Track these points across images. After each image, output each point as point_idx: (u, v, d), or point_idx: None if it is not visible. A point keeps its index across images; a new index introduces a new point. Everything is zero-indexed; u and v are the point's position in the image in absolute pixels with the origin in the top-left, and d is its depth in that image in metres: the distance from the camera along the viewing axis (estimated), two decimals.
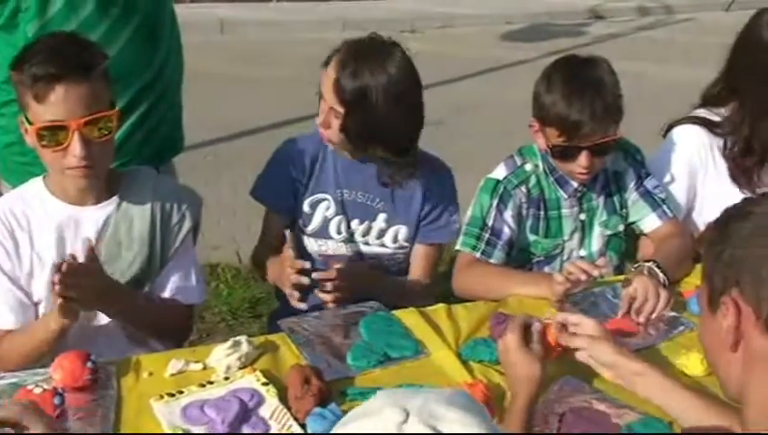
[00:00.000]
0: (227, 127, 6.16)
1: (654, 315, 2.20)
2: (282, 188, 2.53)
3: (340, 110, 2.32)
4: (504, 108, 6.35)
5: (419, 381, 1.90)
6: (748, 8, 2.91)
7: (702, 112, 2.76)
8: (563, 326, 1.90)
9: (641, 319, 2.20)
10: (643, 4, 10.85)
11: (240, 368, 1.91)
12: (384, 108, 2.31)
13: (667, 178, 2.70)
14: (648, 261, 2.35)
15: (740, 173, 2.69)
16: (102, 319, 2.13)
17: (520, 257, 2.58)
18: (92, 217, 2.14)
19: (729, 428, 1.63)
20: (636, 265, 2.38)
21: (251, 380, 1.87)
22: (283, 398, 1.81)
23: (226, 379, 1.88)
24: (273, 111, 6.44)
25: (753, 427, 1.28)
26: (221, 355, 1.92)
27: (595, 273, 2.20)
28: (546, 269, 2.56)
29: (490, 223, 2.48)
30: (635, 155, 2.63)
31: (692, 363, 2.00)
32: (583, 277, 2.20)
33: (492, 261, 2.48)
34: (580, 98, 2.32)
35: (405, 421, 1.01)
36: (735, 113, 2.67)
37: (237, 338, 1.96)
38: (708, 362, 1.44)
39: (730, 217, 1.33)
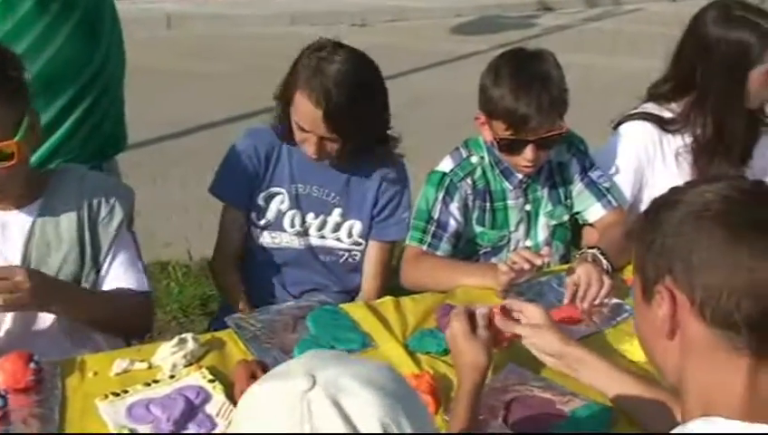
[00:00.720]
0: (175, 123, 6.10)
1: (597, 301, 2.24)
2: (240, 183, 2.53)
3: (334, 137, 2.34)
4: (454, 101, 6.35)
5: None
6: None
7: (652, 108, 2.78)
8: (507, 311, 1.92)
9: (585, 305, 2.23)
10: None
11: (186, 366, 1.90)
12: (369, 105, 2.37)
13: (614, 172, 2.72)
14: (592, 248, 2.38)
15: (698, 166, 2.71)
16: (44, 319, 2.10)
17: (467, 249, 2.59)
18: (18, 222, 2.10)
19: (670, 410, 1.67)
20: (580, 252, 2.41)
21: (197, 377, 1.86)
22: (229, 394, 1.80)
23: (172, 377, 1.87)
24: (221, 107, 6.40)
25: (691, 413, 1.29)
26: (166, 353, 1.91)
27: (538, 262, 2.23)
28: (493, 260, 2.58)
29: (436, 216, 2.50)
30: (579, 146, 2.65)
31: (635, 349, 2.02)
32: (527, 267, 2.22)
33: (438, 253, 2.49)
34: (528, 92, 2.33)
35: (309, 390, 1.01)
36: (692, 109, 2.69)
37: (183, 336, 1.95)
38: (645, 351, 1.42)
39: (659, 206, 1.33)
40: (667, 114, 2.74)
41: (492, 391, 1.85)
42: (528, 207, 2.60)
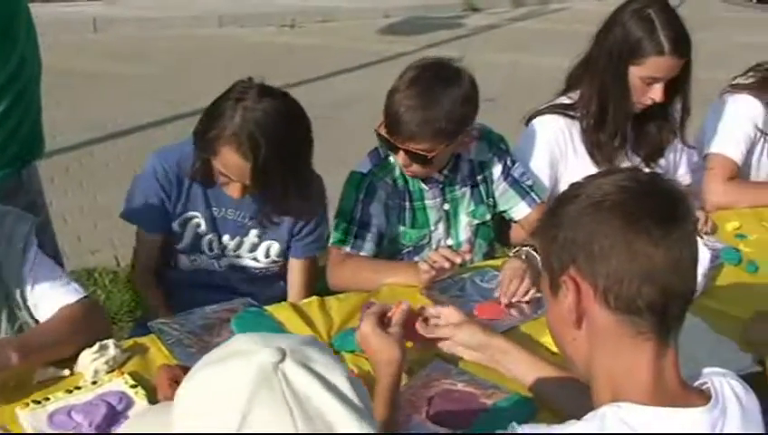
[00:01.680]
0: (103, 127, 6.02)
1: (526, 297, 2.28)
2: (150, 208, 2.47)
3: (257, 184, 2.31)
4: (383, 101, 6.40)
5: None
6: None
7: (561, 99, 2.87)
8: (425, 321, 1.94)
9: (510, 300, 2.27)
10: None
11: (108, 372, 1.89)
12: (298, 155, 2.35)
13: (531, 167, 2.78)
14: (526, 245, 2.43)
15: (597, 150, 2.80)
16: None
17: (390, 248, 2.62)
18: None
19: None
20: (515, 250, 2.45)
21: (119, 383, 1.85)
22: (152, 399, 1.79)
23: (94, 383, 1.85)
24: (149, 109, 6.34)
25: (600, 399, 1.33)
26: (88, 360, 1.89)
27: (457, 260, 2.26)
28: (416, 259, 2.60)
29: (357, 216, 2.51)
30: (499, 144, 2.69)
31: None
32: (447, 265, 2.26)
33: (362, 254, 2.51)
34: (422, 111, 2.32)
35: (282, 361, 1.03)
36: (585, 91, 2.78)
37: (104, 341, 1.93)
38: (556, 343, 1.46)
39: (560, 201, 1.38)
40: (571, 101, 2.82)
41: (415, 387, 1.88)
42: (446, 207, 2.63)
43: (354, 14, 9.67)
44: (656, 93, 2.67)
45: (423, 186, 2.58)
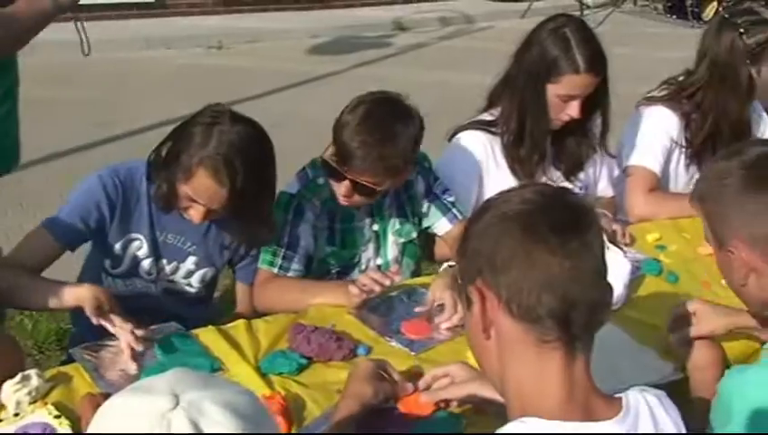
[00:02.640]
0: (34, 151, 5.90)
1: (447, 326, 2.28)
2: (81, 218, 2.38)
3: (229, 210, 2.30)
4: (313, 121, 6.41)
5: None
6: (542, 15, 3.09)
7: (483, 115, 2.92)
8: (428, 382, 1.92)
9: (433, 324, 2.29)
10: (444, 15, 11.22)
11: (31, 403, 1.85)
12: (268, 181, 2.35)
13: (454, 182, 2.81)
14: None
15: (517, 165, 2.85)
16: None
17: (319, 270, 2.62)
18: None
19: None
20: (448, 265, 2.47)
21: (42, 414, 1.81)
22: (77, 429, 1.77)
23: (16, 415, 1.82)
24: (80, 132, 6.26)
25: (512, 412, 1.34)
26: (9, 391, 1.85)
27: (387, 282, 2.30)
28: (347, 279, 2.60)
29: (285, 238, 2.50)
30: (423, 163, 2.72)
31: None
32: (377, 288, 2.29)
33: (289, 275, 2.50)
34: (372, 150, 2.34)
35: (171, 410, 1.03)
36: (505, 107, 2.83)
37: (26, 372, 1.89)
38: (474, 356, 1.49)
39: (473, 216, 1.43)
40: (493, 118, 2.87)
41: None
42: (376, 227, 2.65)
43: (281, 35, 9.66)
44: (573, 110, 2.73)
45: (353, 207, 2.59)
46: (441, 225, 2.73)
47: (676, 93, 3.15)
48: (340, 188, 2.45)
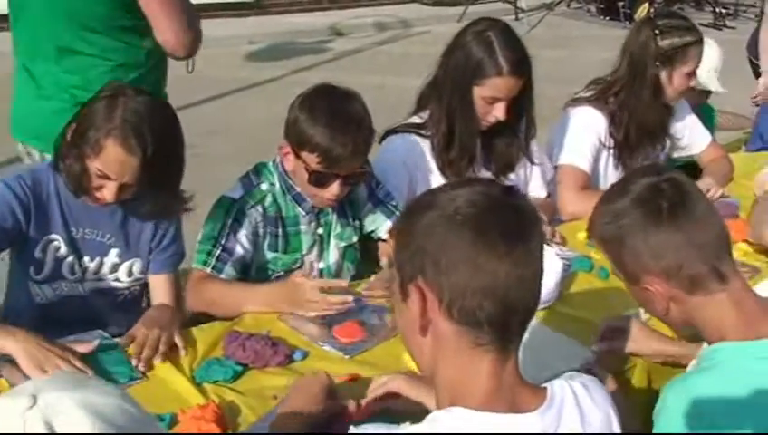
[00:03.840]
0: None
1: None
2: None
3: (140, 182, 2.25)
4: (252, 127, 6.38)
5: (153, 409, 1.90)
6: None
7: (413, 118, 2.95)
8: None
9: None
10: (381, 20, 11.27)
11: None
12: (178, 151, 2.32)
13: (387, 185, 2.81)
14: None
15: (447, 168, 2.88)
16: None
17: (260, 276, 2.60)
18: None
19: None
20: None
21: None
22: None
23: None
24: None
25: (441, 405, 1.37)
26: None
27: (350, 299, 2.32)
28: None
29: (223, 241, 2.48)
30: (363, 165, 2.72)
31: None
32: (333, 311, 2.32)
33: (222, 276, 2.48)
34: (344, 133, 2.36)
35: (28, 409, 1.03)
36: (434, 111, 2.86)
37: None
38: (405, 346, 1.49)
39: (414, 209, 1.41)
40: (423, 120, 2.90)
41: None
42: (320, 231, 2.65)
43: (218, 42, 9.56)
44: (498, 112, 2.78)
45: (299, 211, 2.59)
46: (386, 228, 2.74)
47: (601, 93, 3.23)
48: (332, 189, 2.45)
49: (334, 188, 2.45)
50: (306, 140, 2.39)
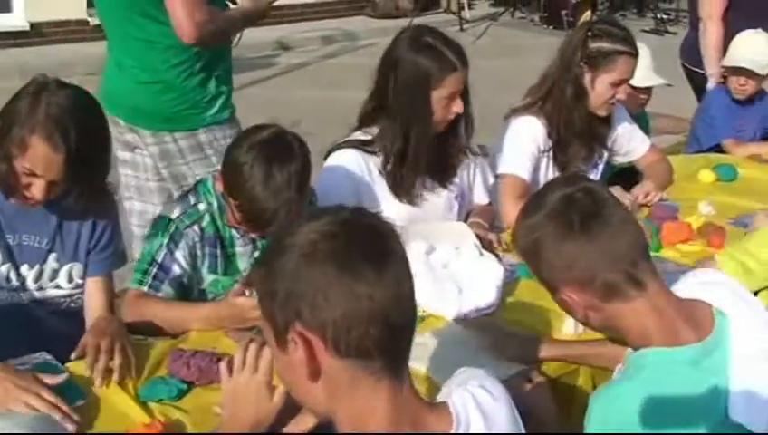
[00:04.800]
0: None
1: None
2: None
3: (68, 179, 2.23)
4: None
5: (98, 429, 1.90)
6: None
7: (357, 135, 2.94)
8: None
9: None
10: (327, 33, 11.28)
11: None
12: (104, 146, 2.31)
13: (328, 202, 2.81)
14: None
15: (398, 185, 2.89)
16: None
17: (200, 297, 2.57)
18: None
19: None
20: None
21: None
22: None
23: None
24: None
25: (340, 428, 1.35)
26: None
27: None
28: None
29: (159, 259, 2.46)
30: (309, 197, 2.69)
31: None
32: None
33: (159, 295, 2.45)
34: (276, 196, 2.30)
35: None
36: (386, 128, 2.87)
37: None
38: (294, 395, 1.45)
39: (270, 253, 1.37)
40: (369, 137, 2.91)
41: None
42: (257, 254, 2.61)
43: None
44: (458, 106, 2.81)
45: (235, 233, 2.56)
46: None
47: (538, 98, 3.27)
48: (256, 230, 2.45)
49: (258, 231, 2.45)
50: (239, 194, 2.35)
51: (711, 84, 4.58)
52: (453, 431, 1.36)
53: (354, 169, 2.88)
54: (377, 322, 1.29)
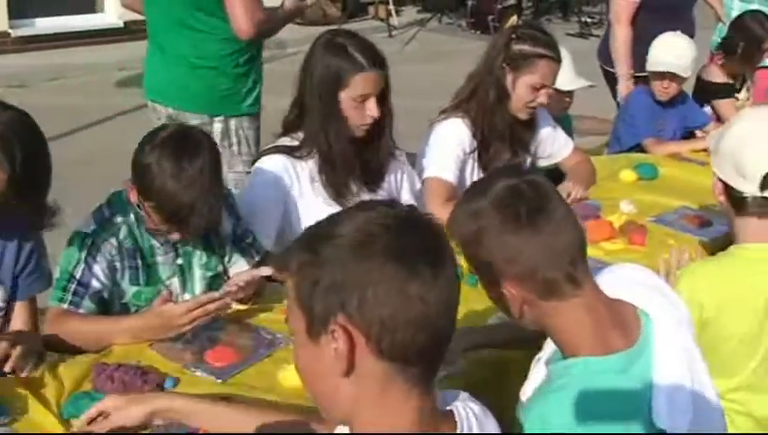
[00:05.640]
0: None
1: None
2: None
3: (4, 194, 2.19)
4: (122, 157, 6.24)
5: None
6: None
7: (284, 140, 2.93)
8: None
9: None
10: None
11: None
12: (46, 166, 2.28)
13: (255, 209, 2.81)
14: None
15: (326, 188, 2.89)
16: None
17: (123, 310, 2.54)
18: None
19: None
20: None
21: None
22: None
23: None
24: None
25: (355, 429, 1.31)
26: None
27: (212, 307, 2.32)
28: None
29: (78, 275, 2.42)
30: (227, 199, 2.69)
31: (291, 375, 2.10)
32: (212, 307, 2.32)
33: (81, 311, 2.42)
34: (188, 195, 2.30)
35: None
36: (307, 132, 2.87)
37: None
38: (308, 388, 1.35)
39: (316, 240, 1.29)
40: (296, 143, 2.90)
41: None
42: (180, 261, 2.60)
43: (87, 70, 9.37)
44: (371, 110, 2.79)
45: (154, 242, 2.53)
46: (239, 266, 2.69)
47: (463, 100, 3.30)
48: (172, 235, 2.44)
49: (174, 236, 2.44)
50: (151, 194, 2.35)
51: (621, 85, 4.69)
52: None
53: (282, 173, 2.87)
54: (425, 327, 1.23)
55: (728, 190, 2.36)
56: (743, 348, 2.30)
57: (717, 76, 4.74)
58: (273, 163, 2.89)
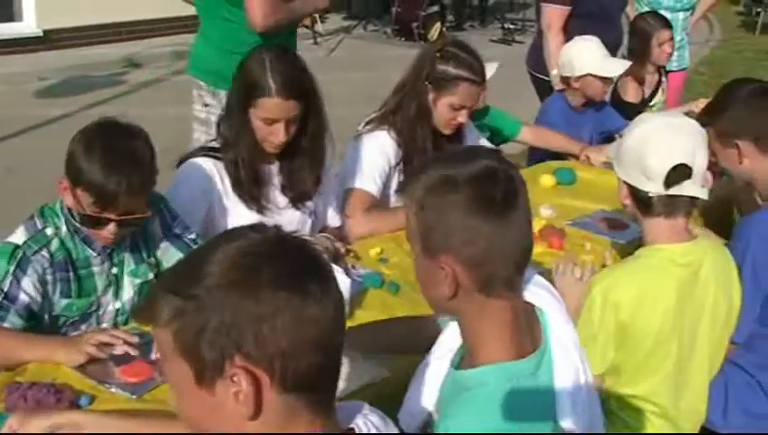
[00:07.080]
0: None
1: None
2: None
3: None
4: (50, 164, 6.11)
5: None
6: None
7: (211, 143, 2.96)
8: None
9: None
10: (178, 49, 11.04)
11: None
12: None
13: (185, 212, 2.76)
14: None
15: (243, 192, 2.88)
16: None
17: (53, 322, 2.49)
18: None
19: None
20: None
21: None
22: None
23: None
24: None
25: None
26: None
27: (134, 340, 2.29)
28: (82, 328, 2.53)
29: (6, 289, 2.36)
30: (158, 203, 2.65)
31: None
32: (120, 347, 2.28)
33: (6, 325, 2.36)
34: (118, 170, 2.29)
35: None
36: (224, 135, 2.89)
37: None
38: None
39: (186, 283, 1.20)
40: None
41: None
42: (115, 271, 2.57)
43: (4, 79, 9.17)
44: (276, 135, 2.79)
45: (90, 252, 2.49)
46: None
47: (390, 112, 3.31)
48: (110, 229, 2.38)
49: (110, 229, 2.39)
50: (80, 176, 2.32)
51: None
52: None
53: (206, 176, 2.86)
54: (323, 348, 1.19)
55: (633, 193, 2.41)
56: (658, 348, 2.36)
57: (630, 91, 4.89)
58: (197, 165, 2.89)
